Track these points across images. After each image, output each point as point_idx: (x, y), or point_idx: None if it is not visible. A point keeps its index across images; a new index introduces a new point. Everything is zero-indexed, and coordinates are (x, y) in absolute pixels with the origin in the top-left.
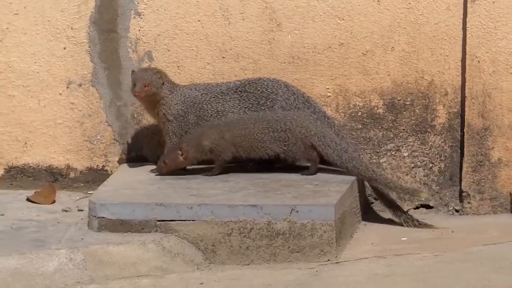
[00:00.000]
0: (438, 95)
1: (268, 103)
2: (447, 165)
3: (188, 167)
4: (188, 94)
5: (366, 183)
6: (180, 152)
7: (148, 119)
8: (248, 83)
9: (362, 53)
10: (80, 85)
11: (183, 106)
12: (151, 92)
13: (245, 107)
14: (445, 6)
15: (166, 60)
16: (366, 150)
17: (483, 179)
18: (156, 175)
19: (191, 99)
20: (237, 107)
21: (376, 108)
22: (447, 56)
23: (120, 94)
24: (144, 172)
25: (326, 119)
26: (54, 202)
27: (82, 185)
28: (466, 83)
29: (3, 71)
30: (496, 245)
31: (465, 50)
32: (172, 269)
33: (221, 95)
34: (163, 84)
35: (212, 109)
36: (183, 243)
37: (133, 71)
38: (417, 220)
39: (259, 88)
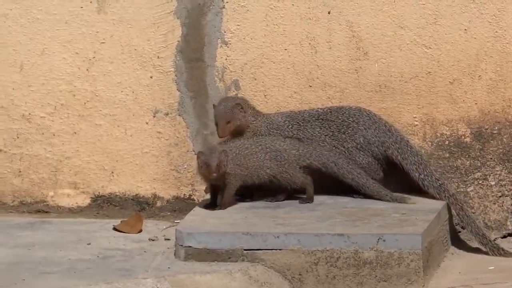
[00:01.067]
0: None
1: (349, 131)
2: None
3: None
4: (272, 121)
5: (453, 212)
6: None
7: None
8: (330, 111)
9: (449, 81)
10: (166, 114)
11: (266, 132)
12: (234, 127)
13: (325, 135)
14: None
15: (253, 89)
16: (453, 179)
17: None
18: None
19: (275, 125)
20: (317, 134)
21: (463, 137)
22: None
23: (207, 123)
24: None
25: (409, 148)
26: (141, 231)
27: (168, 214)
28: None
29: (90, 100)
30: None
31: None
32: None
33: (302, 122)
34: (245, 113)
35: (293, 136)
36: (270, 272)
37: (214, 105)
38: (503, 249)
39: (340, 117)
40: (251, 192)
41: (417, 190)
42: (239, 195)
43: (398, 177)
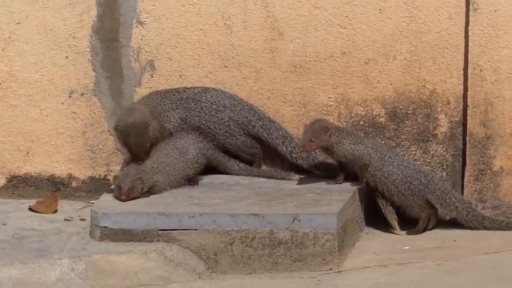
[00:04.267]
0: (440, 104)
1: (218, 114)
2: (449, 174)
3: None
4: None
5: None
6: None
7: None
8: (198, 92)
9: (364, 62)
10: (82, 94)
11: None
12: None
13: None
14: (447, 15)
15: (168, 69)
16: None
17: (485, 188)
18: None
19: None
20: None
21: (378, 117)
22: (449, 65)
23: (122, 103)
24: None
25: (272, 123)
26: (56, 211)
27: (84, 194)
28: (468, 92)
29: (5, 80)
30: (498, 254)
31: (467, 58)
32: (174, 279)
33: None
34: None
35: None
36: (185, 253)
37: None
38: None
39: (207, 99)
40: None
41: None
42: None
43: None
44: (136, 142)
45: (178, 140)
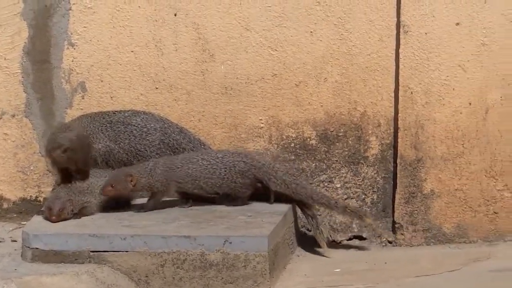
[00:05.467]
0: (371, 126)
1: (148, 137)
2: (380, 196)
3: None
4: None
5: (298, 213)
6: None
7: None
8: (128, 115)
9: (295, 84)
10: (13, 115)
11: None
12: None
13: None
14: (378, 37)
15: (100, 90)
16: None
17: (416, 210)
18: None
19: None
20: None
21: (309, 139)
22: (380, 87)
23: (53, 124)
24: None
25: (202, 145)
26: None
27: (15, 215)
28: (399, 114)
29: None
30: (429, 277)
31: (398, 81)
32: None
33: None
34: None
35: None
36: (117, 274)
37: None
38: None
39: (138, 122)
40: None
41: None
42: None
43: None
44: (83, 156)
45: None
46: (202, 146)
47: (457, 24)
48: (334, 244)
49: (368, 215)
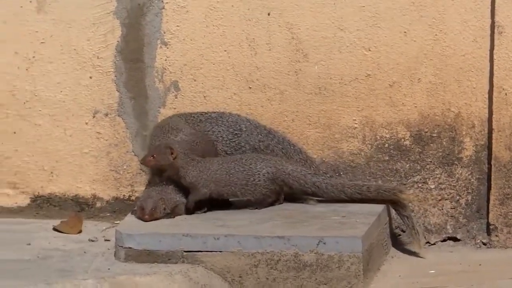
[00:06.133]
0: (465, 127)
1: (235, 138)
2: (474, 197)
3: None
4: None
5: (393, 215)
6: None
7: None
8: (218, 117)
9: (389, 84)
10: (106, 114)
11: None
12: None
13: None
14: (472, 38)
15: (193, 90)
16: (392, 182)
17: (511, 212)
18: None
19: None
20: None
21: (403, 140)
22: (474, 88)
23: (146, 123)
24: None
25: (292, 147)
26: (80, 232)
27: (108, 215)
28: (493, 115)
29: (29, 100)
30: None
31: (492, 82)
32: None
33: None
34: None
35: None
36: (210, 274)
37: None
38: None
39: (225, 123)
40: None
41: None
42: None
43: None
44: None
45: None
46: (292, 148)
47: None
48: (428, 245)
49: (403, 189)
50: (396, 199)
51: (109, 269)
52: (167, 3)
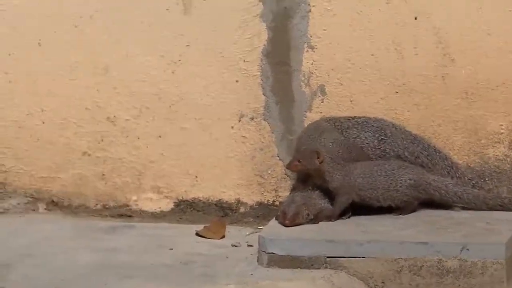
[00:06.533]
0: None
1: (381, 144)
2: None
3: None
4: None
5: None
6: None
7: None
8: (366, 121)
9: None
10: (252, 118)
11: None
12: None
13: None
14: None
15: (339, 94)
16: None
17: None
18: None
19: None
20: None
21: None
22: None
23: (292, 128)
24: None
25: (438, 153)
26: (223, 237)
27: (252, 220)
28: None
29: (175, 103)
30: None
31: None
32: None
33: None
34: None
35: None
36: (353, 280)
37: None
38: None
39: (371, 129)
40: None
41: None
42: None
43: None
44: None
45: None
46: (438, 154)
47: None
48: None
49: None
50: None
51: (251, 274)
52: (313, 6)
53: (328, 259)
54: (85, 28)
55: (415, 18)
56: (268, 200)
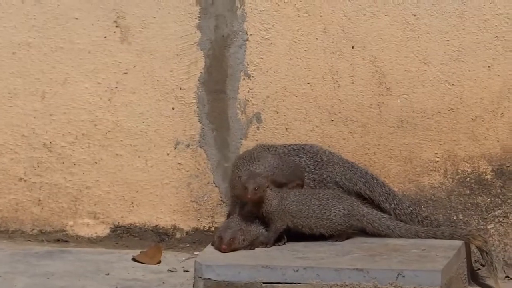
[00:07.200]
0: None
1: (317, 170)
2: None
3: None
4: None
5: (473, 249)
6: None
7: None
8: (300, 148)
9: (472, 118)
10: (188, 145)
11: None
12: None
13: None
14: None
15: (275, 122)
16: (473, 216)
17: None
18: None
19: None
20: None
21: (484, 174)
22: None
23: (228, 155)
24: None
25: (375, 181)
26: (159, 262)
27: (188, 245)
28: None
29: (111, 130)
30: None
31: None
32: None
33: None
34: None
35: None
36: None
37: None
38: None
39: (308, 155)
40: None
41: None
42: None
43: None
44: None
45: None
46: (375, 181)
47: None
48: (507, 280)
49: (476, 235)
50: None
51: None
52: (251, 35)
53: (264, 285)
54: (23, 55)
55: (352, 47)
56: (204, 226)
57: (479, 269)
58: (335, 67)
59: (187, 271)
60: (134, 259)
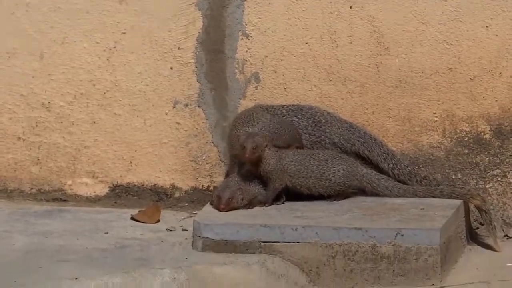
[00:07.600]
0: None
1: (315, 131)
2: None
3: None
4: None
5: (471, 208)
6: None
7: None
8: (298, 109)
9: (470, 78)
10: (186, 105)
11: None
12: None
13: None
14: None
15: (273, 81)
16: (472, 176)
17: None
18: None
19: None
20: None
21: (483, 133)
22: None
23: (226, 114)
24: None
25: (374, 141)
26: (158, 221)
27: (186, 204)
28: None
29: (109, 89)
30: None
31: None
32: None
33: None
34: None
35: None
36: (287, 265)
37: None
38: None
39: (306, 116)
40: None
41: None
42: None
43: None
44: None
45: None
46: (374, 141)
47: None
48: (506, 239)
49: (475, 194)
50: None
51: (186, 258)
52: None
53: (263, 244)
54: (21, 15)
55: (350, 7)
56: (202, 185)
57: (478, 228)
58: (333, 27)
59: (185, 230)
60: (132, 218)
